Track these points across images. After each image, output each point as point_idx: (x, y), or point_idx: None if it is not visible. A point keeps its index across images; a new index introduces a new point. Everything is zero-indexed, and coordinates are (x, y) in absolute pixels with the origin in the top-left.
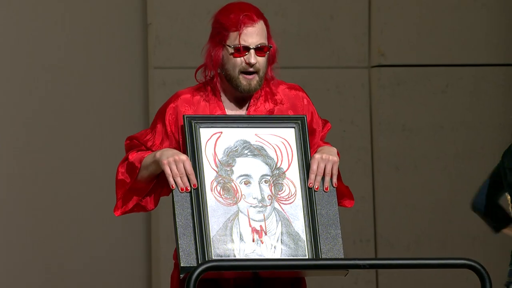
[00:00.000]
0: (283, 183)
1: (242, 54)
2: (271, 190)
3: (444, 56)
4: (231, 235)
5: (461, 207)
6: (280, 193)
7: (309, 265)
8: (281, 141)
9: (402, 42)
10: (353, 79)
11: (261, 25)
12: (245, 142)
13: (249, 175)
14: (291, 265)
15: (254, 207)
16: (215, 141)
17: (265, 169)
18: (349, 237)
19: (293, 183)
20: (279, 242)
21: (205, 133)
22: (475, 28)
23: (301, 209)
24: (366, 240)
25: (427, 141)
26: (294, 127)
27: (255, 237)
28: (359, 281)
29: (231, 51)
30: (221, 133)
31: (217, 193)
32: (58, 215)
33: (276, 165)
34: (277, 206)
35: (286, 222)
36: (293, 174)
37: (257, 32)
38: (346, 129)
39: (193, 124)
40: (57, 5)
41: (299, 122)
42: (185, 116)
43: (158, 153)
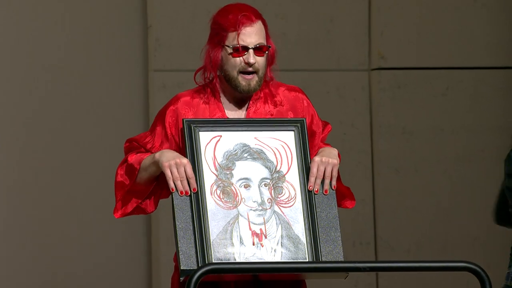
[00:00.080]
0: (282, 186)
1: (241, 54)
2: (271, 193)
3: (444, 59)
4: (231, 239)
5: (462, 210)
6: (280, 196)
7: (309, 268)
8: (281, 144)
9: (402, 45)
10: (353, 82)
11: (259, 25)
12: (245, 145)
13: (249, 178)
14: (291, 268)
15: (254, 210)
16: (214, 145)
17: (264, 173)
18: (349, 240)
19: (292, 186)
20: (279, 245)
21: (205, 137)
22: (476, 31)
23: (301, 212)
24: (366, 242)
25: (427, 144)
26: (293, 130)
27: (255, 240)
28: (359, 284)
29: (230, 51)
30: (221, 136)
31: (217, 196)
32: (58, 216)
33: (275, 168)
34: (277, 209)
35: (286, 225)
36: (293, 177)
37: (256, 32)
38: (346, 132)
39: (192, 127)
40: (57, 7)
41: (299, 125)
42: (184, 120)
43: (157, 154)
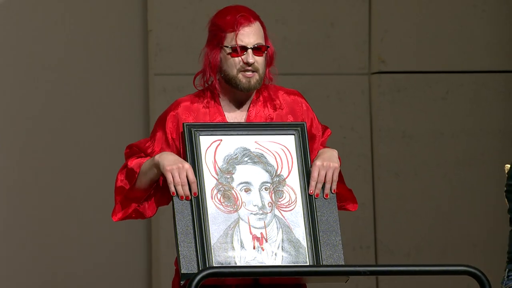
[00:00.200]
0: (283, 190)
1: (239, 54)
2: (272, 197)
3: (444, 62)
4: (232, 243)
5: (462, 214)
6: (280, 200)
7: (309, 271)
8: (281, 148)
9: (402, 48)
10: (354, 86)
11: (257, 26)
12: (245, 149)
13: (249, 182)
14: (292, 271)
15: (254, 214)
16: (215, 149)
17: (265, 176)
18: (350, 244)
19: (293, 190)
20: (280, 249)
21: (205, 141)
22: (476, 34)
23: (302, 216)
24: (366, 246)
25: (427, 147)
26: (294, 134)
27: (256, 244)
28: (360, 287)
29: (229, 51)
30: (221, 140)
31: (217, 200)
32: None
33: (276, 172)
34: (278, 213)
35: (286, 229)
36: (293, 181)
37: (254, 32)
38: (346, 135)
39: (193, 132)
40: (58, 10)
41: (299, 129)
42: (184, 124)
43: (157, 156)
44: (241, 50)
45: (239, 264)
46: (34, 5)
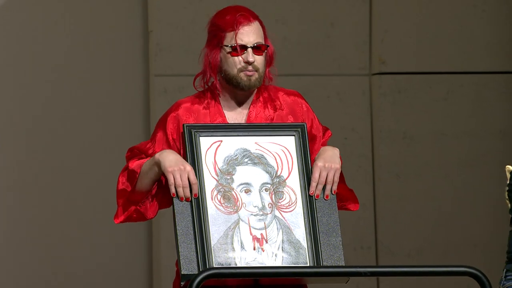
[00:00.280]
0: (283, 191)
1: (239, 53)
2: (272, 198)
3: (445, 63)
4: (232, 244)
5: (463, 215)
6: (280, 201)
7: (310, 272)
8: (281, 149)
9: (403, 49)
10: (354, 87)
11: (257, 25)
12: (245, 150)
13: (250, 183)
14: (292, 272)
15: (254, 215)
16: (215, 150)
17: (265, 177)
18: (350, 245)
19: (293, 191)
20: (280, 250)
21: (205, 142)
22: (476, 35)
23: (302, 217)
24: (367, 247)
25: (428, 148)
26: (294, 135)
27: (256, 245)
28: None
29: (229, 50)
30: (221, 141)
31: (217, 201)
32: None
33: (276, 173)
34: (278, 214)
35: (287, 230)
36: (294, 182)
37: (254, 31)
38: (347, 136)
39: (193, 133)
40: (58, 10)
41: (299, 130)
42: (185, 125)
43: (157, 155)
44: (241, 49)
45: (239, 265)
46: (34, 5)
